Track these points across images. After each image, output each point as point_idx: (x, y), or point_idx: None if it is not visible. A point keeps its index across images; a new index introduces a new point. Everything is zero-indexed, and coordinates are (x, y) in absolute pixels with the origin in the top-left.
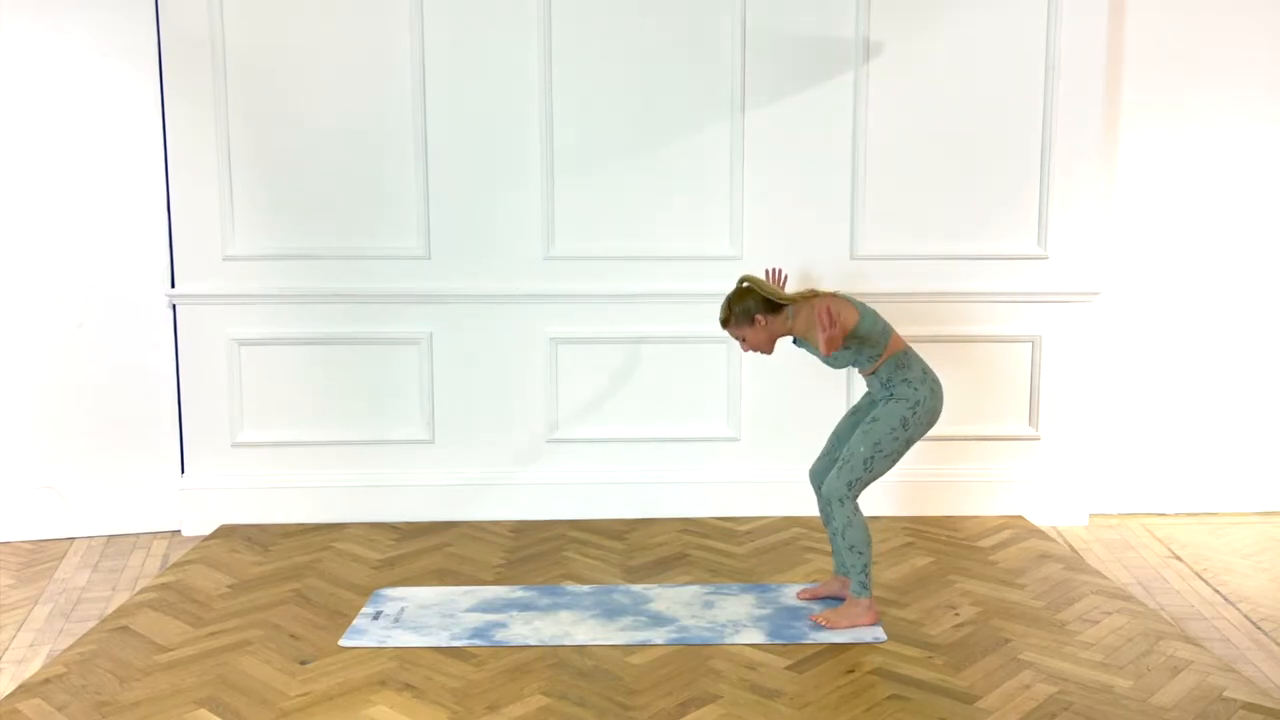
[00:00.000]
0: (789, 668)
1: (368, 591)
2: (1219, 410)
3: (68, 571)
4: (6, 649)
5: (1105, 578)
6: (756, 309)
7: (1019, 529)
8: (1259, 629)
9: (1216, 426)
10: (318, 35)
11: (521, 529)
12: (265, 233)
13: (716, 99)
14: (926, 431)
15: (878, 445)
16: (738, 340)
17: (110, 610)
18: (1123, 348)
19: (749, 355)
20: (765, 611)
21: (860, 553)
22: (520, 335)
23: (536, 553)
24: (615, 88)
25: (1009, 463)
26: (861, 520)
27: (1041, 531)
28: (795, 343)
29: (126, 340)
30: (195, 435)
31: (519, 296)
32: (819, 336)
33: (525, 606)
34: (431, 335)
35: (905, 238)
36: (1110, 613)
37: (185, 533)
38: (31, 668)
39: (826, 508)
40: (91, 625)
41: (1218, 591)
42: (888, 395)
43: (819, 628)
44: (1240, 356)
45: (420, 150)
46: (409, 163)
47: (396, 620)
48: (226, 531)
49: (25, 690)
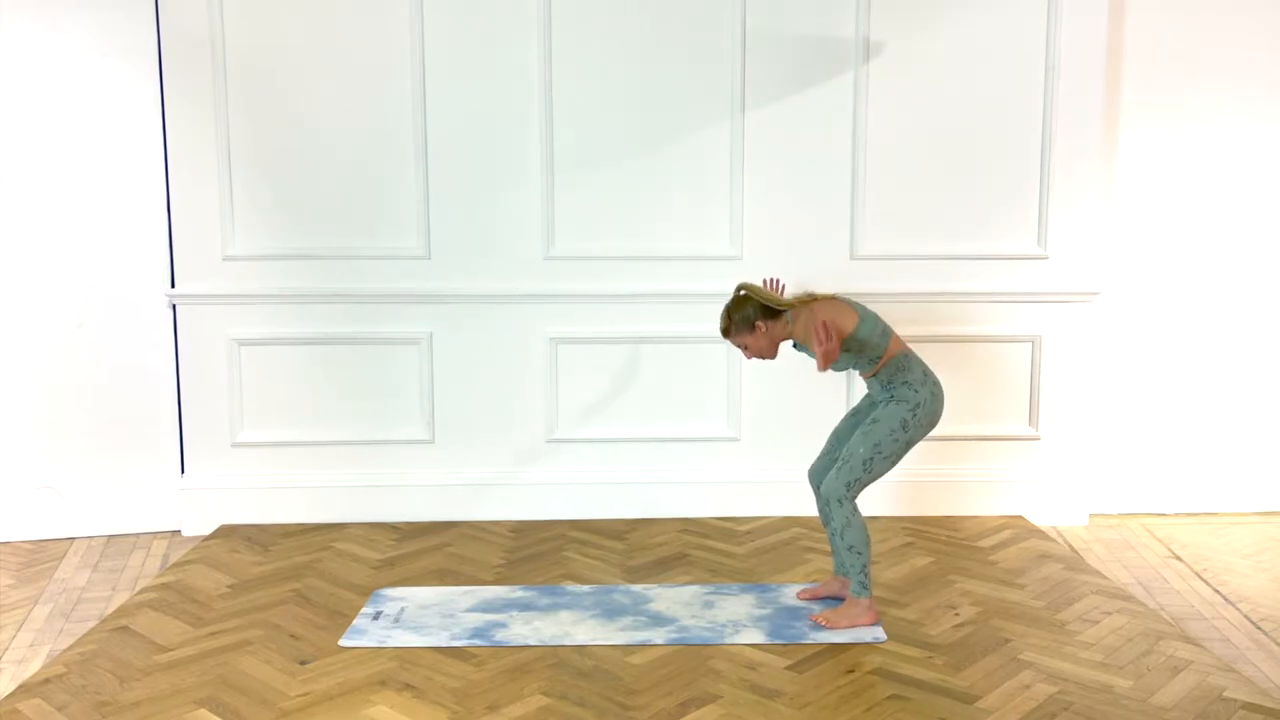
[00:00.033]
0: (789, 668)
1: (368, 591)
2: (1219, 410)
3: (68, 571)
4: (6, 649)
5: (1105, 578)
6: (756, 316)
7: (1019, 529)
8: (1259, 629)
9: (1216, 426)
10: (318, 35)
11: (521, 529)
12: (265, 233)
13: (716, 99)
14: (926, 434)
15: (877, 447)
16: (740, 348)
17: (110, 610)
18: (1123, 348)
19: None
20: (765, 611)
21: (859, 553)
22: (520, 335)
23: (536, 553)
24: (615, 87)
25: (1009, 463)
26: (860, 521)
27: (1041, 531)
28: (795, 347)
29: (126, 340)
30: (195, 435)
31: (519, 296)
32: (816, 350)
33: (525, 606)
34: (431, 335)
35: (905, 238)
36: (1110, 613)
37: (185, 533)
38: (31, 668)
39: (825, 508)
40: (91, 625)
41: (1218, 591)
42: (888, 397)
43: (819, 628)
44: (1240, 357)
45: (420, 150)
46: (409, 163)
47: (396, 620)
48: (226, 531)
49: (25, 690)
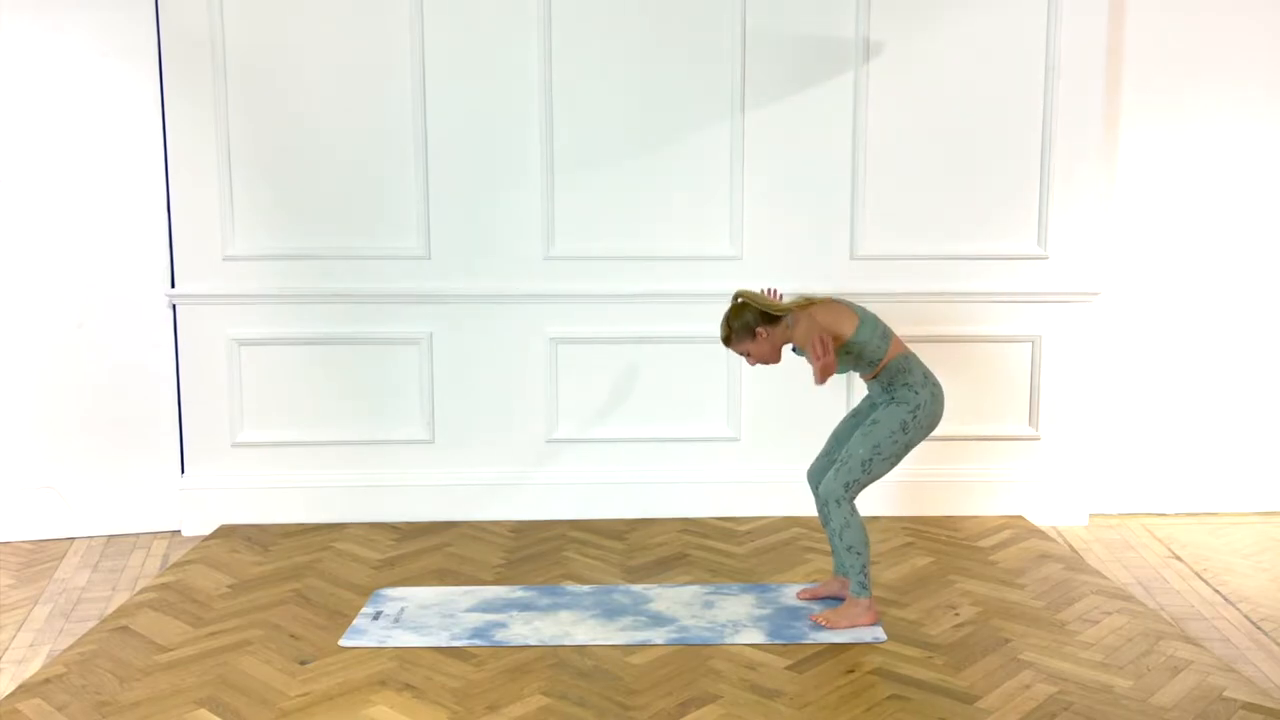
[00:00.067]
0: (789, 668)
1: (368, 591)
2: (1219, 410)
3: (68, 571)
4: (6, 649)
5: (1105, 578)
6: (755, 322)
7: (1019, 529)
8: (1259, 629)
9: (1216, 426)
10: (318, 35)
11: (521, 529)
12: (265, 233)
13: (716, 99)
14: (926, 436)
15: (877, 448)
16: (743, 356)
17: (110, 610)
18: (1123, 348)
19: None
20: (765, 611)
21: (858, 553)
22: (520, 335)
23: (536, 553)
24: (615, 88)
25: (1009, 463)
26: (859, 521)
27: (1041, 531)
28: (794, 350)
29: (126, 340)
30: (195, 435)
31: (519, 296)
32: (813, 365)
33: (525, 606)
34: (431, 335)
35: (905, 238)
36: (1110, 613)
37: (185, 533)
38: (31, 668)
39: (824, 509)
40: (91, 625)
41: (1218, 591)
42: (888, 399)
43: (819, 628)
44: (1240, 357)
45: (420, 150)
46: (409, 163)
47: (396, 620)
48: (226, 531)
49: (25, 690)
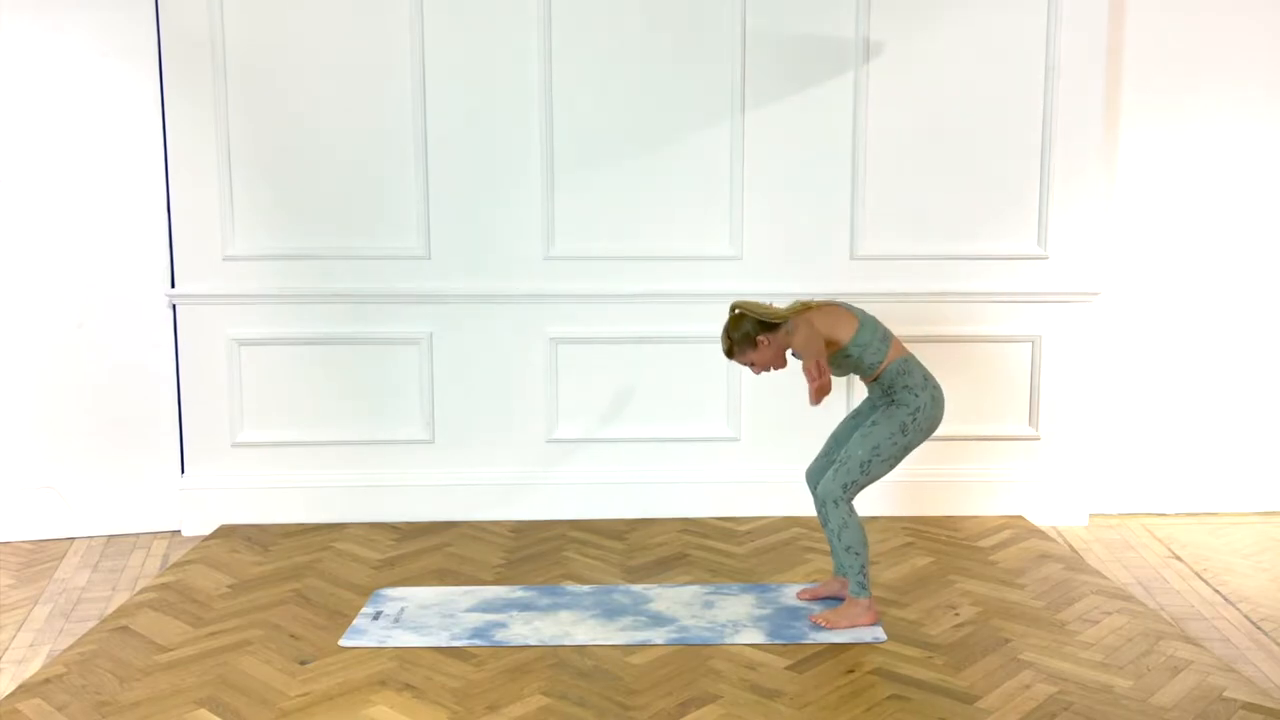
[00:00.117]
0: (789, 668)
1: (368, 591)
2: (1219, 410)
3: (68, 571)
4: (6, 649)
5: (1105, 578)
6: (755, 331)
7: (1019, 529)
8: (1259, 629)
9: (1216, 426)
10: (318, 35)
11: (521, 529)
12: (265, 233)
13: (716, 99)
14: (926, 439)
15: (876, 449)
16: (747, 366)
17: (110, 610)
18: (1123, 348)
19: None
20: (765, 611)
21: (857, 554)
22: (520, 335)
23: (536, 553)
24: (615, 87)
25: (1009, 463)
26: (857, 521)
27: (1041, 531)
28: (794, 354)
29: (126, 340)
30: (195, 435)
31: (519, 296)
32: (809, 386)
33: (525, 606)
34: (431, 335)
35: (905, 238)
36: (1110, 613)
37: (185, 533)
38: (31, 668)
39: (822, 509)
40: (91, 625)
41: (1218, 591)
42: (889, 401)
43: (819, 628)
44: (1240, 357)
45: (420, 150)
46: (409, 163)
47: (396, 620)
48: (226, 531)
49: (25, 690)
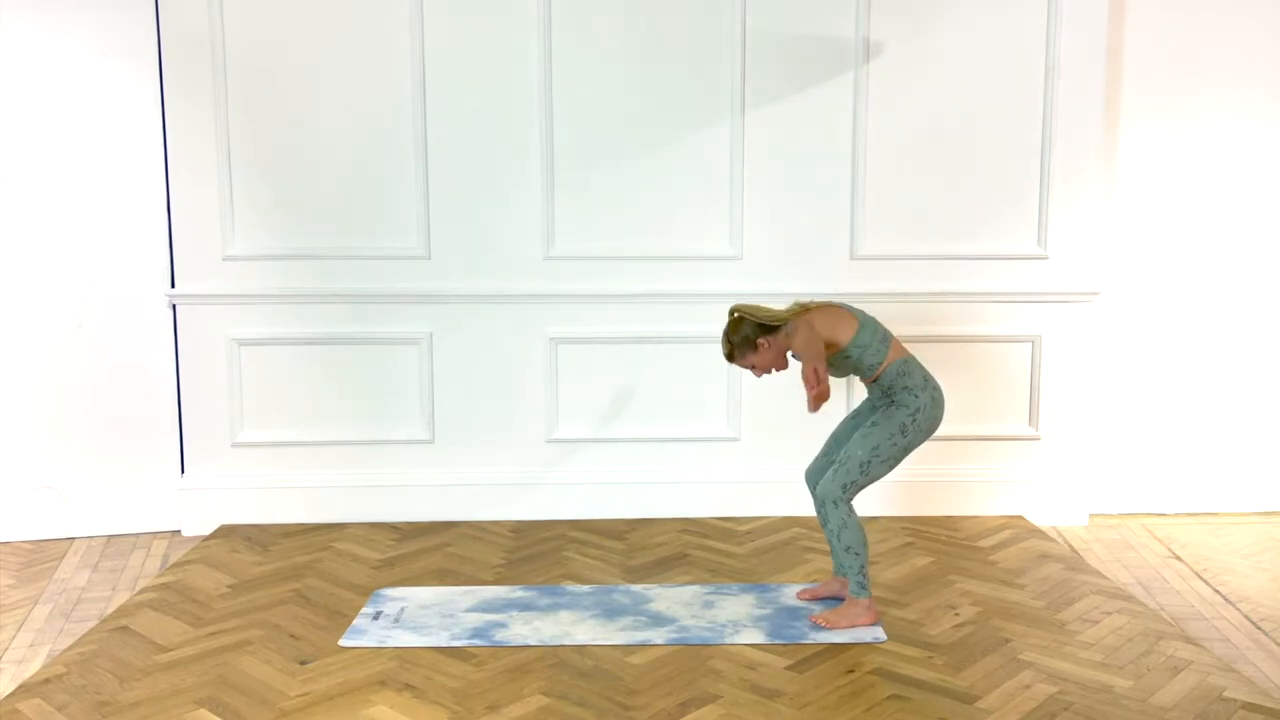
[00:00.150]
0: (789, 668)
1: (368, 591)
2: (1219, 410)
3: (68, 571)
4: (6, 649)
5: (1105, 578)
6: (755, 335)
7: (1019, 529)
8: (1259, 629)
9: (1216, 426)
10: (318, 35)
11: (521, 529)
12: (265, 233)
13: (716, 99)
14: (925, 440)
15: (875, 450)
16: (748, 369)
17: (110, 610)
18: (1123, 348)
19: None
20: (765, 611)
21: (857, 554)
22: (520, 335)
23: (536, 553)
24: (615, 87)
25: (1009, 463)
26: (856, 522)
27: (1041, 531)
28: (793, 356)
29: (126, 340)
30: (195, 435)
31: (519, 296)
32: (807, 393)
33: (525, 606)
34: (431, 335)
35: (905, 238)
36: (1110, 613)
37: (185, 533)
38: (31, 668)
39: (821, 509)
40: (91, 625)
41: (1218, 591)
42: (888, 402)
43: (819, 628)
44: (1240, 357)
45: (420, 150)
46: (409, 163)
47: (396, 620)
48: (226, 531)
49: (25, 690)
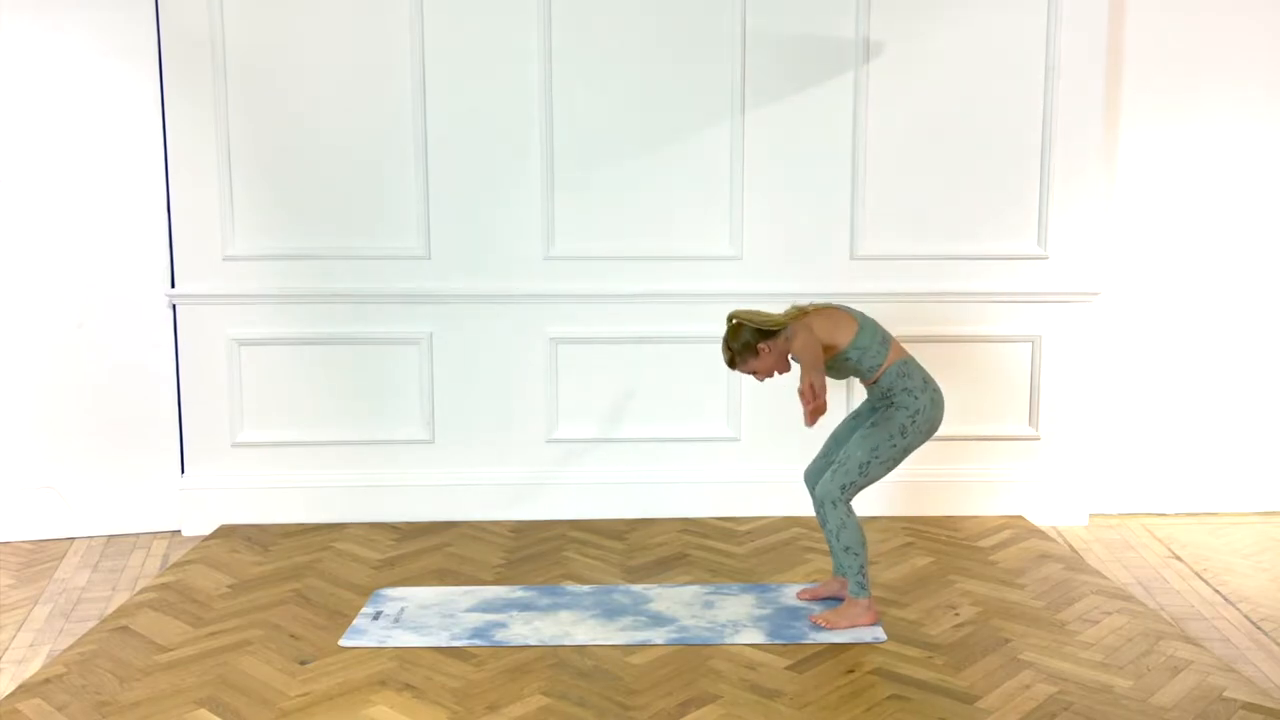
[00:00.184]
0: (789, 668)
1: (368, 591)
2: (1219, 410)
3: (68, 571)
4: (6, 649)
5: (1105, 578)
6: (755, 340)
7: (1019, 529)
8: (1259, 629)
9: (1216, 426)
10: (318, 35)
11: (521, 529)
12: (265, 233)
13: (716, 99)
14: (925, 441)
15: (875, 451)
16: (750, 375)
17: (110, 610)
18: (1123, 348)
19: None
20: (765, 611)
21: (856, 554)
22: (520, 335)
23: (536, 553)
24: (615, 87)
25: (1009, 463)
26: (855, 522)
27: (1041, 531)
28: (792, 358)
29: (126, 340)
30: (195, 435)
31: (519, 296)
32: (804, 408)
33: (525, 606)
34: (431, 335)
35: (905, 238)
36: (1110, 613)
37: (185, 533)
38: (31, 668)
39: (820, 509)
40: (91, 625)
41: (1218, 591)
42: (888, 403)
43: (819, 628)
44: (1240, 357)
45: (420, 150)
46: (409, 163)
47: (396, 620)
48: (226, 531)
49: (25, 690)
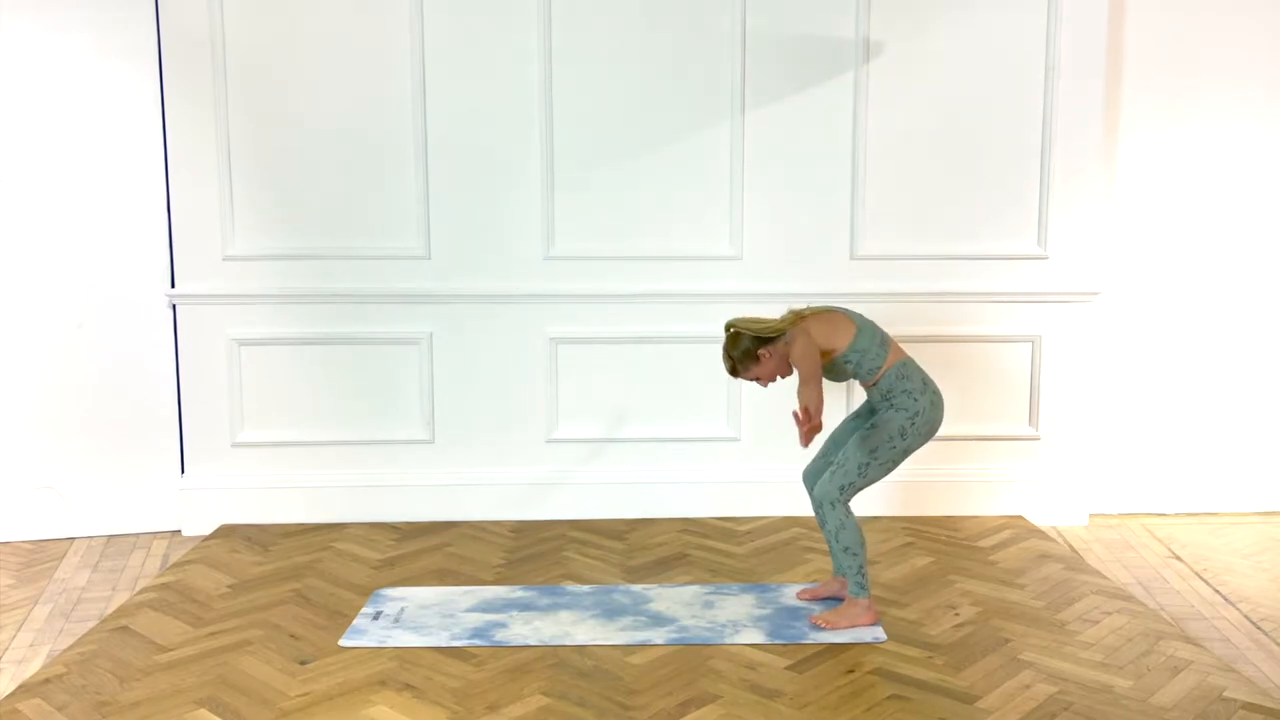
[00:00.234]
0: (789, 668)
1: (368, 591)
2: (1219, 410)
3: (68, 571)
4: (6, 649)
5: (1105, 578)
6: (755, 347)
7: (1019, 529)
8: (1259, 629)
9: (1216, 426)
10: (318, 35)
11: (521, 529)
12: (265, 233)
13: (716, 99)
14: (925, 443)
15: (874, 452)
16: (753, 382)
17: (110, 610)
18: (1123, 348)
19: None
20: (765, 611)
21: (855, 554)
22: (520, 335)
23: (536, 553)
24: (615, 87)
25: (1009, 463)
26: (854, 522)
27: (1041, 531)
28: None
29: (126, 340)
30: (195, 435)
31: (519, 296)
32: (799, 429)
33: (525, 606)
34: (431, 335)
35: (905, 238)
36: (1110, 613)
37: (185, 533)
38: (31, 668)
39: (819, 510)
40: (91, 625)
41: (1218, 591)
42: (888, 405)
43: (819, 628)
44: (1240, 357)
45: (420, 150)
46: (409, 163)
47: (396, 620)
48: (226, 531)
49: (25, 690)
